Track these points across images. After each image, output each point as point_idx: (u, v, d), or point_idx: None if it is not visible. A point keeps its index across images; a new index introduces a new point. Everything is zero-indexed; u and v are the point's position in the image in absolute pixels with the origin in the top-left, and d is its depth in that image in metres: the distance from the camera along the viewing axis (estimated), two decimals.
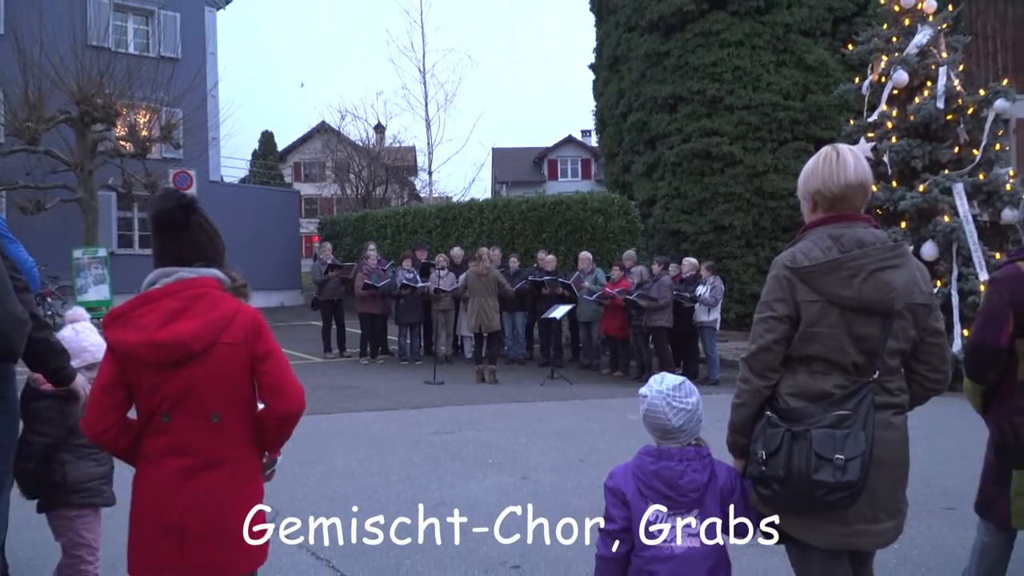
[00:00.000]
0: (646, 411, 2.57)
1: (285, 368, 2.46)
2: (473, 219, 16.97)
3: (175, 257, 2.44)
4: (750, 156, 16.45)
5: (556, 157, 50.22)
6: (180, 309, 2.35)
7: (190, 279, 2.41)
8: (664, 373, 2.69)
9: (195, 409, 2.36)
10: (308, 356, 13.89)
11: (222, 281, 2.48)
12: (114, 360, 2.37)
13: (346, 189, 31.51)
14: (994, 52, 18.26)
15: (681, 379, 2.61)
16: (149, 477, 2.37)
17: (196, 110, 19.49)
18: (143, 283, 2.45)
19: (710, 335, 11.70)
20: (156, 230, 2.46)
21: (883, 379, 2.43)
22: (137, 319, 2.35)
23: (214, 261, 2.50)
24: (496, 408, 9.16)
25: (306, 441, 7.04)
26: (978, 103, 11.66)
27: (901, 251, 2.46)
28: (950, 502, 5.29)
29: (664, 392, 2.55)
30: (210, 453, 2.37)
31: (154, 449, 2.37)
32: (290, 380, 2.45)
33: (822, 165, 2.54)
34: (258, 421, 2.47)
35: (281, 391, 2.42)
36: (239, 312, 2.43)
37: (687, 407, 2.54)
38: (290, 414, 2.44)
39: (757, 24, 16.63)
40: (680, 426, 2.52)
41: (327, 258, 13.95)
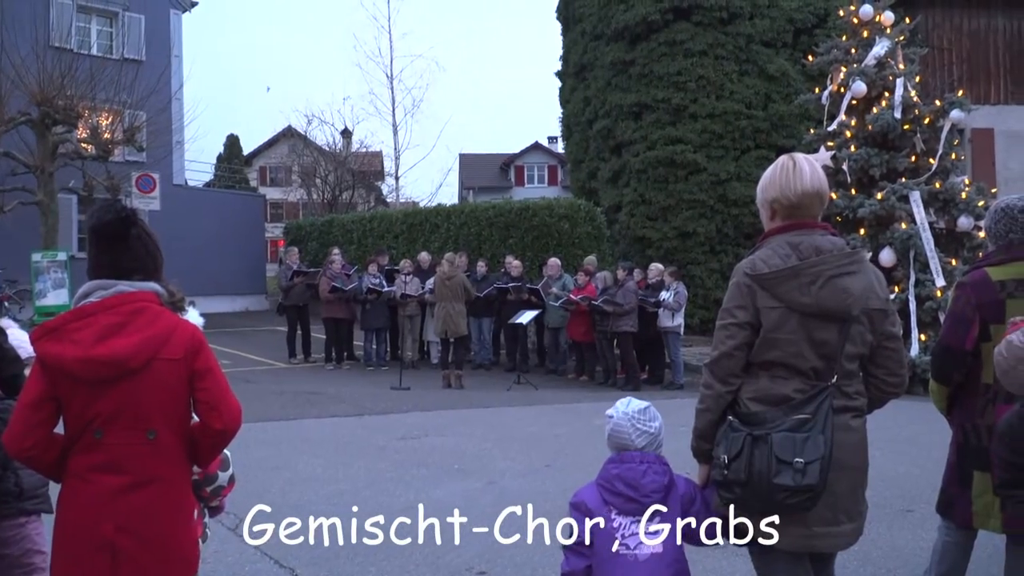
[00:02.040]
0: (611, 430, 2.65)
1: (223, 385, 2.43)
2: (440, 224, 16.95)
3: (113, 269, 2.38)
4: (713, 164, 16.65)
5: (523, 163, 50.31)
6: (118, 324, 2.29)
7: (128, 293, 2.35)
8: (630, 397, 2.76)
9: (130, 426, 2.30)
10: (273, 362, 13.78)
11: (160, 295, 2.43)
12: (44, 375, 2.29)
13: (312, 194, 31.31)
14: (949, 64, 18.67)
15: (647, 404, 2.68)
16: (79, 494, 2.29)
17: (160, 113, 19.24)
18: (76, 294, 2.38)
19: (675, 340, 11.82)
20: (95, 241, 2.40)
21: (842, 383, 2.48)
22: (72, 333, 2.27)
23: (152, 274, 2.45)
24: (462, 413, 9.16)
25: (270, 447, 7.00)
26: (934, 113, 11.92)
27: (858, 257, 2.52)
28: (909, 504, 5.40)
29: (630, 415, 2.63)
30: (144, 470, 2.31)
31: (85, 465, 2.29)
32: (228, 397, 2.42)
33: (779, 174, 2.59)
34: (192, 436, 2.44)
35: (219, 408, 2.38)
36: (178, 328, 2.38)
37: (651, 430, 2.62)
38: (227, 432, 2.41)
39: (720, 35, 16.85)
40: (642, 447, 2.61)
41: (293, 263, 13.86)
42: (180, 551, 2.39)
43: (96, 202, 18.70)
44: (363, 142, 32.67)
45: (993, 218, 3.43)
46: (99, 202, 2.61)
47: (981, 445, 3.31)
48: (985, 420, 3.31)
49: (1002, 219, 3.38)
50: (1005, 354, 2.45)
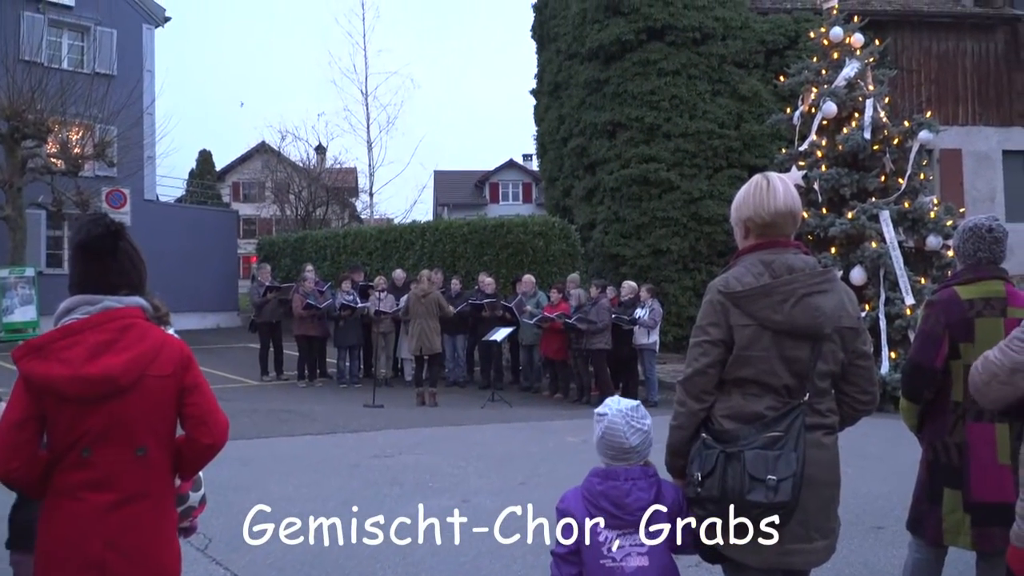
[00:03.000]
0: (605, 430, 2.60)
1: (212, 400, 2.42)
2: (414, 241, 16.92)
3: (99, 284, 2.35)
4: (687, 182, 16.79)
5: (498, 180, 50.46)
6: (108, 341, 2.26)
7: (116, 309, 2.32)
8: (618, 396, 2.74)
9: (120, 443, 2.27)
10: (245, 379, 13.63)
11: (146, 310, 2.41)
12: (28, 394, 2.24)
13: (286, 210, 31.13)
14: (918, 85, 19.02)
15: (636, 402, 2.67)
16: (67, 512, 2.25)
17: (131, 127, 19.07)
18: (58, 310, 2.34)
19: (650, 357, 11.85)
20: (80, 255, 2.37)
21: (813, 401, 2.50)
22: (60, 352, 2.23)
23: (138, 288, 2.43)
24: (436, 431, 9.10)
25: (241, 467, 6.90)
26: (903, 134, 12.12)
27: (829, 276, 2.54)
28: (880, 521, 5.43)
29: (624, 412, 2.60)
30: (134, 487, 2.29)
31: (72, 483, 2.26)
32: (216, 412, 2.41)
33: (753, 193, 2.61)
34: (178, 450, 2.42)
35: (207, 423, 2.38)
36: (166, 344, 2.36)
37: (644, 428, 2.60)
38: (215, 446, 2.41)
39: (693, 55, 17.06)
40: (635, 446, 2.58)
41: (266, 279, 13.75)
42: (167, 567, 2.37)
43: (66, 218, 18.59)
44: (337, 158, 32.64)
45: (961, 238, 3.48)
46: (76, 217, 2.57)
47: (951, 462, 3.34)
48: (955, 438, 3.34)
49: (970, 239, 3.43)
50: (980, 369, 2.48)
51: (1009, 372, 2.38)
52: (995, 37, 19.35)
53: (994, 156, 19.23)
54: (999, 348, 2.45)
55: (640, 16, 16.91)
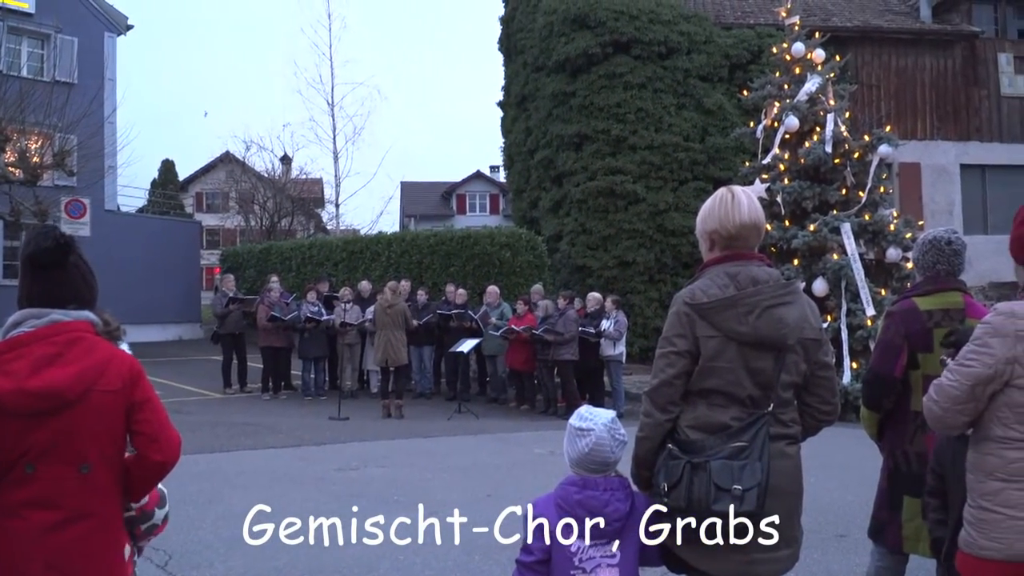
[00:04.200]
0: (593, 446, 2.55)
1: (163, 417, 2.36)
2: (381, 252, 16.84)
3: (47, 297, 2.29)
4: (652, 194, 16.93)
5: (465, 192, 50.48)
6: (53, 355, 2.20)
7: (64, 323, 2.26)
8: (589, 407, 2.73)
9: (64, 460, 2.20)
10: (207, 392, 13.44)
11: (95, 324, 2.35)
12: None
13: (250, 220, 30.82)
14: (878, 100, 19.40)
15: (612, 413, 2.66)
16: (8, 531, 2.18)
17: (92, 137, 18.76)
18: (6, 324, 2.28)
19: (616, 368, 11.89)
20: (29, 269, 2.31)
21: (777, 411, 2.52)
22: (4, 365, 2.18)
23: (87, 304, 2.37)
24: (402, 443, 9.05)
25: (203, 481, 6.80)
26: (863, 148, 12.34)
27: (793, 288, 2.57)
28: (842, 529, 5.49)
29: (608, 425, 2.58)
30: (77, 505, 2.22)
31: (14, 501, 2.19)
32: (168, 429, 2.35)
33: (718, 206, 2.63)
34: (126, 470, 2.35)
35: (159, 440, 2.31)
36: (115, 358, 2.30)
37: (625, 439, 2.60)
38: (167, 464, 2.34)
39: (659, 68, 17.24)
40: (618, 459, 2.58)
41: (229, 290, 13.58)
42: None
43: (24, 228, 18.22)
44: (303, 169, 32.41)
45: (920, 250, 3.54)
46: (31, 228, 2.51)
47: (911, 471, 3.39)
48: (915, 446, 3.39)
49: (929, 251, 3.49)
50: (937, 398, 2.47)
51: (969, 389, 2.40)
52: (953, 53, 19.81)
53: (952, 170, 19.66)
54: (951, 369, 2.47)
55: (606, 30, 17.06)
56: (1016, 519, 2.28)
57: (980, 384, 2.37)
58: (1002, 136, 19.88)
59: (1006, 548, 2.29)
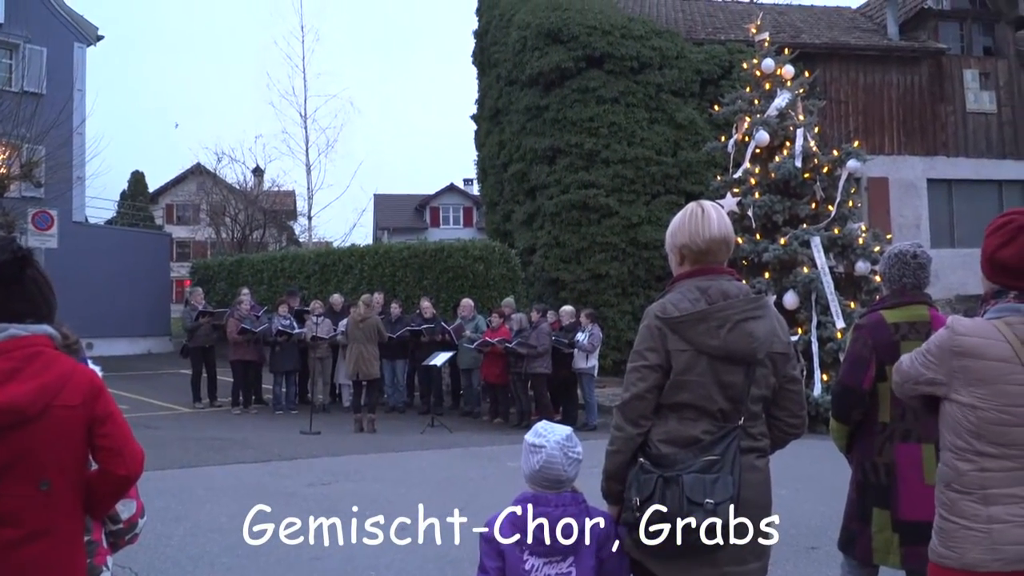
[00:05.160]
0: (544, 463, 2.56)
1: (125, 430, 2.32)
2: (353, 265, 16.76)
3: (4, 312, 2.25)
4: (625, 208, 17.01)
5: (438, 205, 50.51)
6: (11, 370, 2.16)
7: (22, 337, 2.22)
8: (547, 422, 2.72)
9: (23, 477, 2.16)
10: (176, 406, 13.27)
11: (54, 338, 2.30)
12: None
13: (221, 232, 30.55)
14: (846, 116, 19.68)
15: (568, 429, 2.65)
16: None
17: (60, 148, 18.52)
18: None
19: (589, 381, 11.89)
20: None
21: (747, 424, 2.53)
22: None
23: (45, 318, 2.33)
24: (374, 458, 8.98)
25: (170, 497, 6.70)
26: (832, 163, 12.49)
27: (762, 302, 2.59)
28: (813, 541, 5.52)
29: (560, 443, 2.58)
30: (37, 523, 2.17)
31: None
32: (130, 443, 2.31)
33: (688, 220, 2.65)
34: (88, 485, 2.31)
35: (122, 454, 2.28)
36: (75, 373, 2.26)
37: (579, 456, 2.59)
38: (130, 478, 2.32)
39: (631, 83, 17.36)
40: (571, 477, 2.57)
41: (198, 304, 13.44)
42: None
43: None
44: (275, 181, 32.21)
45: (887, 264, 3.58)
46: None
47: (880, 482, 3.41)
48: (883, 458, 3.42)
49: (895, 265, 3.54)
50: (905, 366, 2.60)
51: (913, 382, 2.51)
52: (920, 70, 20.16)
53: (919, 185, 19.97)
54: (910, 356, 2.57)
55: (579, 44, 17.16)
56: (969, 529, 2.32)
57: (920, 384, 2.49)
58: (968, 151, 20.23)
59: (959, 557, 2.33)
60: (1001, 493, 2.29)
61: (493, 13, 21.11)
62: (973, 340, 2.35)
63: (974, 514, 2.32)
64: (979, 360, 2.33)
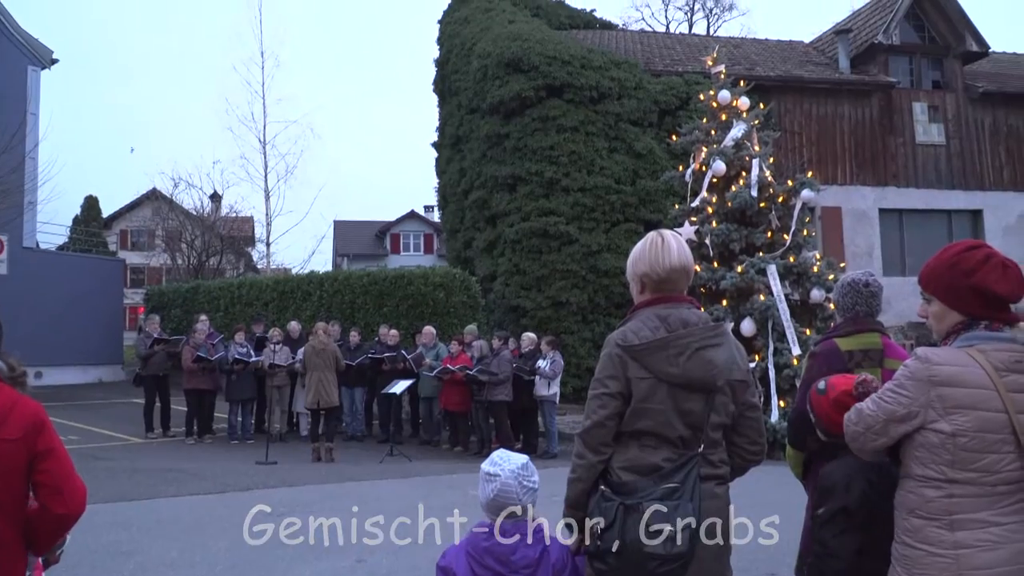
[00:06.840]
0: (499, 491, 2.56)
1: (67, 467, 2.26)
2: (312, 292, 16.61)
3: None
4: (585, 235, 17.14)
5: (399, 231, 50.39)
6: None
7: None
8: (504, 451, 2.71)
9: None
10: (128, 436, 12.94)
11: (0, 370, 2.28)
12: None
13: (177, 259, 30.08)
14: (800, 147, 20.09)
15: (525, 457, 2.65)
16: None
17: (12, 172, 18.13)
18: None
19: (550, 409, 11.87)
20: None
21: (707, 452, 2.54)
22: None
23: None
24: (332, 488, 8.84)
25: (120, 530, 6.51)
26: (787, 192, 12.72)
27: (721, 330, 2.62)
28: (772, 568, 5.54)
29: (515, 472, 2.58)
30: None
31: None
32: (72, 479, 2.26)
33: (649, 249, 2.67)
34: (28, 522, 2.25)
35: (63, 492, 2.22)
36: (17, 405, 2.21)
37: (534, 485, 2.59)
38: (70, 517, 2.25)
39: (591, 112, 17.58)
40: (526, 505, 2.56)
41: (153, 331, 13.18)
42: None
43: None
44: (233, 207, 31.85)
45: (840, 292, 3.64)
46: None
47: None
48: None
49: (848, 293, 3.59)
50: (855, 420, 2.57)
51: (884, 423, 2.48)
52: (870, 103, 20.69)
53: (871, 214, 20.40)
54: (872, 400, 2.55)
55: (539, 74, 17.35)
56: (935, 555, 2.34)
57: (893, 422, 2.45)
58: (918, 182, 20.73)
59: None
60: (968, 519, 2.32)
61: (454, 42, 21.28)
62: (951, 369, 2.38)
63: (940, 540, 2.34)
64: (958, 388, 2.36)
